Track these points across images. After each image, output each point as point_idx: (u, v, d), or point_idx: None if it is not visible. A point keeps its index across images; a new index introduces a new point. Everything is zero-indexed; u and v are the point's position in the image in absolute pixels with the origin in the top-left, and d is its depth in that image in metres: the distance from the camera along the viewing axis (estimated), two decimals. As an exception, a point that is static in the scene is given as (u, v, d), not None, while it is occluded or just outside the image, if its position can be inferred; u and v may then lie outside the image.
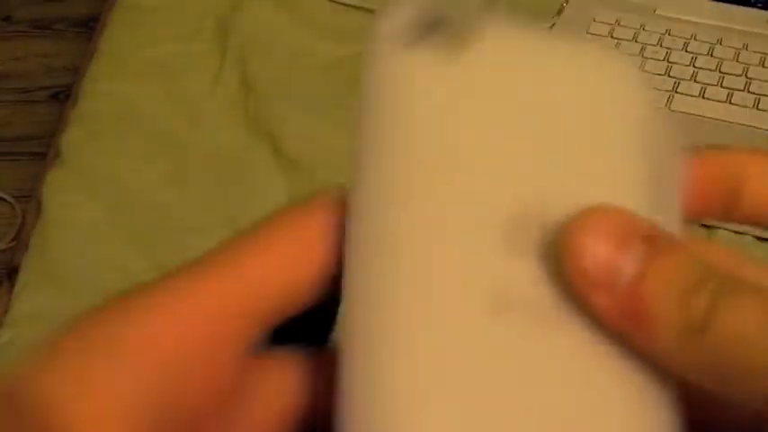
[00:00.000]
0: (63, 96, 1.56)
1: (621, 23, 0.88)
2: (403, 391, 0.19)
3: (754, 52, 0.84)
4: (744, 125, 0.78)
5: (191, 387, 0.20)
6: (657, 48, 0.85)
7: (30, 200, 0.83)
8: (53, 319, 0.70)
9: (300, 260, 0.21)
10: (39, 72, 1.64)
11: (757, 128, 0.78)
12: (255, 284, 0.21)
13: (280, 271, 0.21)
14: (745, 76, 0.82)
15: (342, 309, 0.21)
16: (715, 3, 0.88)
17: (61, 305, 0.67)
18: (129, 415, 0.19)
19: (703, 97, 0.80)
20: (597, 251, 0.19)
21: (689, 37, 0.86)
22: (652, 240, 0.20)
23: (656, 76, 0.82)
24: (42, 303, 0.68)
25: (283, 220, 0.22)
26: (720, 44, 0.85)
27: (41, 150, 1.15)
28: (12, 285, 0.71)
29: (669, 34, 0.86)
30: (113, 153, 0.80)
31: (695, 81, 0.82)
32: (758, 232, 0.71)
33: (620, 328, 0.19)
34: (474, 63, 0.22)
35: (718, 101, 0.80)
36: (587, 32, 0.87)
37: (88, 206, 0.75)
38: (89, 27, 1.63)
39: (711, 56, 0.84)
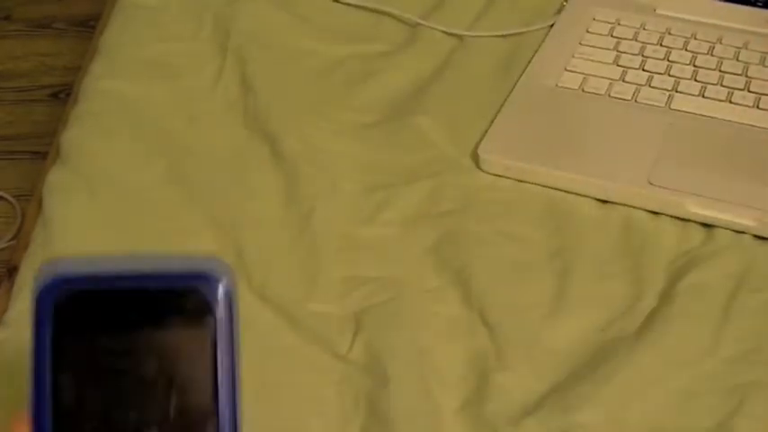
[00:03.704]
0: (63, 95, 1.56)
1: (622, 22, 0.87)
2: None
3: (755, 51, 0.84)
4: (744, 124, 0.78)
5: None
6: (657, 47, 0.85)
7: (30, 199, 0.83)
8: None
9: None
10: (39, 71, 1.64)
11: (757, 127, 0.78)
12: None
13: None
14: (746, 75, 0.82)
15: None
16: (715, 2, 0.88)
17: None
18: None
19: (703, 96, 0.80)
20: None
21: (689, 36, 0.86)
22: None
23: (657, 75, 0.82)
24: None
25: None
26: (720, 43, 0.85)
27: (41, 149, 1.15)
28: (11, 284, 0.71)
29: (669, 33, 0.86)
30: (113, 152, 0.79)
31: (695, 80, 0.81)
32: (758, 232, 0.71)
33: None
34: None
35: (719, 100, 0.80)
36: (587, 31, 0.87)
37: (88, 205, 0.75)
38: (89, 26, 1.63)
39: (711, 55, 0.84)
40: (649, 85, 0.81)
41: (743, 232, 0.71)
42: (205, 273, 0.31)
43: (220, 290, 0.31)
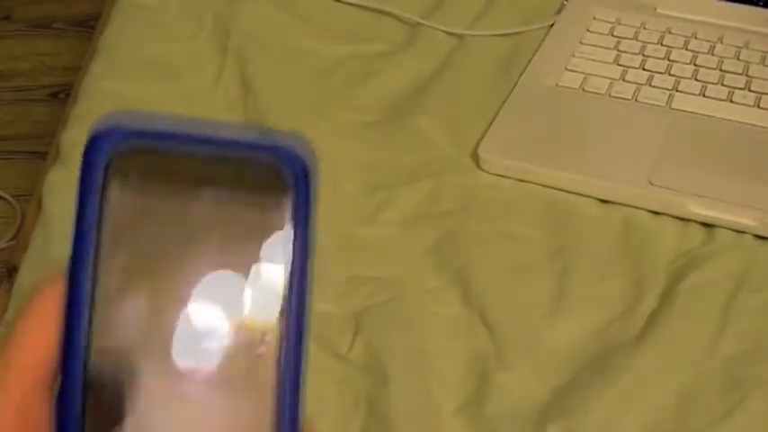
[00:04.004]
0: (63, 95, 1.56)
1: (622, 22, 0.87)
2: None
3: (755, 50, 0.84)
4: (745, 124, 0.78)
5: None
6: (658, 46, 0.85)
7: (29, 199, 0.83)
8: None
9: (49, 339, 0.28)
10: (38, 71, 1.64)
11: (758, 126, 0.77)
12: (27, 365, 0.28)
13: (39, 351, 0.28)
14: (746, 74, 0.82)
15: None
16: (716, 1, 0.88)
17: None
18: None
19: (704, 96, 0.80)
20: None
21: (689, 35, 0.86)
22: None
23: (657, 75, 0.82)
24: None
25: (31, 312, 0.29)
26: (721, 42, 0.85)
27: (41, 149, 1.15)
28: (11, 284, 0.71)
29: (670, 32, 0.86)
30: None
31: (696, 79, 0.81)
32: (758, 231, 0.71)
33: None
34: None
35: (719, 99, 0.80)
36: (588, 31, 0.87)
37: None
38: (89, 26, 1.63)
39: (712, 54, 0.84)
40: (650, 85, 0.81)
41: (743, 232, 0.71)
42: (285, 146, 0.27)
43: (300, 167, 0.28)
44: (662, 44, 0.85)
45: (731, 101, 0.79)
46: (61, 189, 0.76)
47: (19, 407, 0.28)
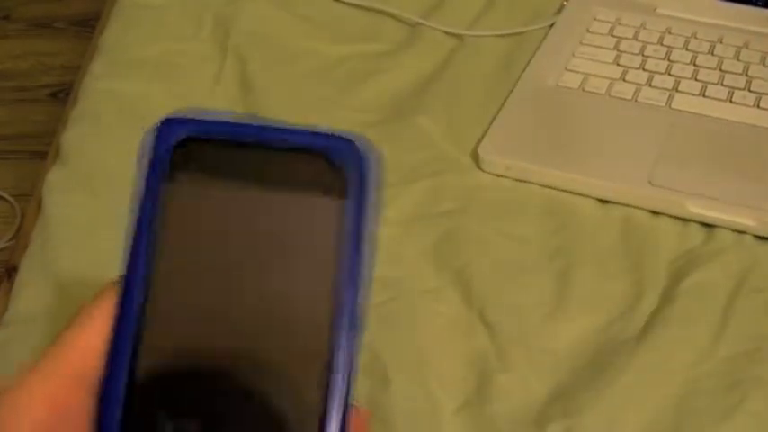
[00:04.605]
0: (63, 95, 1.56)
1: (622, 22, 0.87)
2: None
3: (755, 51, 0.84)
4: (744, 124, 0.78)
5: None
6: (658, 46, 0.85)
7: (29, 199, 0.83)
8: (52, 319, 0.69)
9: (96, 344, 0.29)
10: (38, 71, 1.64)
11: (758, 126, 0.77)
12: (68, 361, 0.29)
13: (83, 352, 0.29)
14: (746, 74, 0.82)
15: None
16: (716, 1, 0.88)
17: (60, 304, 0.67)
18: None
19: (704, 96, 0.80)
20: None
21: (689, 35, 0.86)
22: None
23: (657, 75, 0.82)
24: (41, 302, 0.68)
25: (80, 319, 0.30)
26: (721, 43, 0.85)
27: (41, 149, 1.15)
28: (11, 284, 0.71)
29: (670, 33, 0.86)
30: (114, 152, 0.79)
31: (696, 80, 0.81)
32: (758, 232, 0.71)
33: None
34: None
35: (719, 99, 0.80)
36: (588, 31, 0.87)
37: (88, 205, 0.75)
38: (88, 25, 1.64)
39: (712, 54, 0.84)
40: (650, 85, 0.81)
41: (743, 232, 0.71)
42: (342, 137, 0.28)
43: (358, 157, 0.28)
44: (662, 44, 0.85)
45: (731, 101, 0.79)
46: (61, 189, 0.76)
47: (52, 396, 0.29)
